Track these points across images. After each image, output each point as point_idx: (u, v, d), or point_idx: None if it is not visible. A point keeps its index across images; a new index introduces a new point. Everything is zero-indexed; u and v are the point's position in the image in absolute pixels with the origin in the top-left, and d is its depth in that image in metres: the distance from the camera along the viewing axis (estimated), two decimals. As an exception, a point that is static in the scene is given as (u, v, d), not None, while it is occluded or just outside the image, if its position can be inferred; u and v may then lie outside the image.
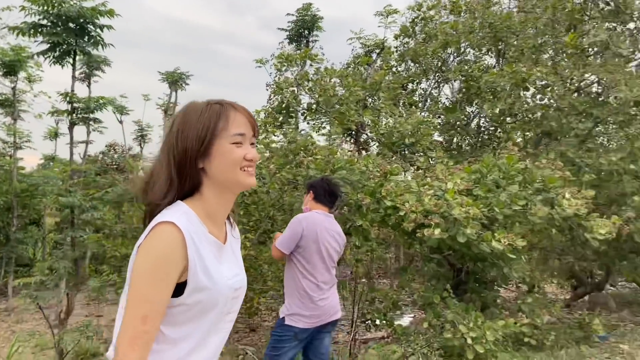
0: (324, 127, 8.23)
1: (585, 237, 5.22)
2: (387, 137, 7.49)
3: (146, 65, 52.40)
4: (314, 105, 7.99)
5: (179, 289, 1.25)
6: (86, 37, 9.00)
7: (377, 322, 6.24)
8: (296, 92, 7.60)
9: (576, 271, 9.93)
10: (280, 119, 7.30)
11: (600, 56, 6.35)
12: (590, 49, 6.72)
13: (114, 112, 11.70)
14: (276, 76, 7.47)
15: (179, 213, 1.27)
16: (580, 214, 5.12)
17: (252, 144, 1.36)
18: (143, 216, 1.39)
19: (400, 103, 9.63)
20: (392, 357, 5.25)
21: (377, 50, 9.49)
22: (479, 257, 5.92)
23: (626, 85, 5.52)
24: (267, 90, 7.48)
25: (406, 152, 7.58)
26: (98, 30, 9.03)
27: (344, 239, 3.78)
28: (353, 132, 8.36)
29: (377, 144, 8.73)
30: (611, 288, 13.71)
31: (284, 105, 7.19)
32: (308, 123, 8.27)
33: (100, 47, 9.13)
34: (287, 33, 12.58)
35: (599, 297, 9.87)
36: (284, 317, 3.51)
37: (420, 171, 6.42)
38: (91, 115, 10.03)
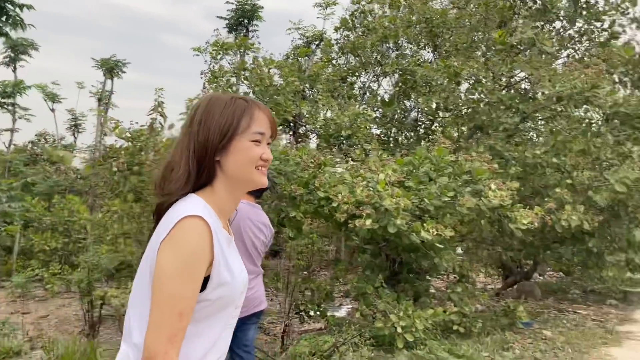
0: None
1: (510, 227, 5.41)
2: (325, 129, 7.49)
3: (84, 52, 50.07)
4: (251, 95, 7.87)
5: (202, 284, 1.23)
6: (4, 17, 8.43)
7: (312, 313, 6.25)
8: (232, 81, 7.44)
9: (506, 261, 10.35)
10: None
11: (527, 53, 6.59)
12: (520, 46, 6.96)
13: (45, 100, 11.09)
14: (211, 64, 7.29)
15: (201, 206, 1.25)
16: (505, 204, 5.29)
17: (268, 144, 1.36)
18: (154, 209, 1.34)
19: (339, 95, 9.65)
20: (323, 347, 5.25)
21: (317, 42, 9.45)
22: (411, 247, 6.03)
23: (550, 82, 5.76)
24: (202, 78, 7.29)
25: (344, 144, 7.60)
26: (17, 10, 8.47)
27: (271, 230, 3.72)
28: (291, 124, 8.29)
29: (315, 136, 8.72)
30: (540, 277, 14.41)
31: (218, 95, 7.03)
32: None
33: (20, 28, 8.58)
34: (227, 22, 12.33)
35: (526, 286, 10.31)
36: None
37: (355, 163, 6.45)
38: (9, 100, 9.43)
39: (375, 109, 9.68)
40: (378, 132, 9.26)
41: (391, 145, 9.43)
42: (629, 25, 7.38)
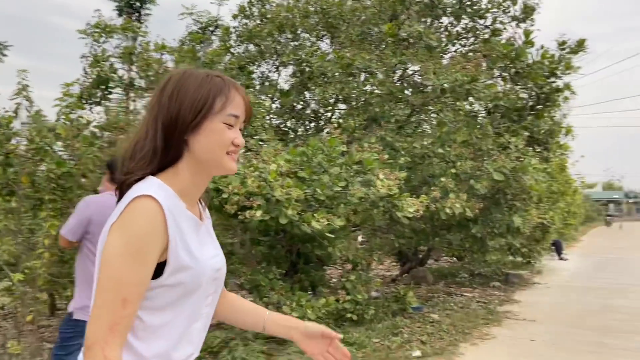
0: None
1: (397, 215, 5.55)
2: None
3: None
4: (142, 82, 7.44)
5: (159, 269, 1.13)
6: None
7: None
8: (117, 66, 6.97)
9: (402, 248, 10.74)
10: (99, 94, 6.64)
11: (415, 47, 6.80)
12: (410, 39, 7.17)
13: None
14: (92, 48, 6.76)
15: (154, 186, 1.15)
16: (392, 194, 5.41)
17: (241, 129, 1.27)
18: (117, 189, 1.22)
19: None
20: (213, 344, 5.09)
21: (211, 29, 9.14)
22: (306, 238, 6.01)
23: (434, 74, 5.99)
24: (82, 62, 6.75)
25: (238, 134, 7.39)
26: None
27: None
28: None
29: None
30: (436, 263, 15.15)
31: (101, 80, 6.54)
32: (134, 101, 7.67)
33: None
34: (116, 4, 11.60)
35: (419, 272, 10.77)
36: (72, 312, 3.14)
37: (248, 153, 6.31)
38: None
39: (274, 99, 9.56)
40: (277, 122, 9.16)
41: (291, 136, 9.37)
42: (509, 23, 7.87)
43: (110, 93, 6.77)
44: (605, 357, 5.46)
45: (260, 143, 7.10)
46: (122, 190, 1.20)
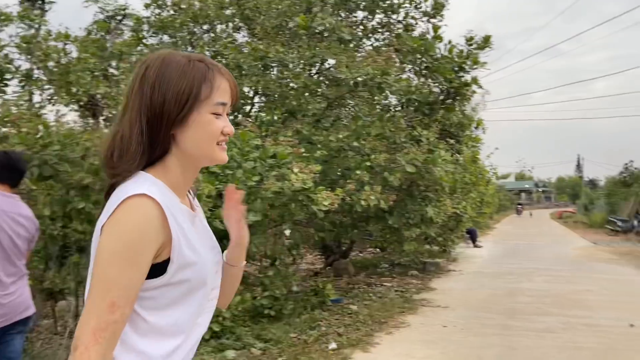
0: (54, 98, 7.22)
1: (312, 209, 5.54)
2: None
3: None
4: (42, 72, 6.94)
5: (162, 268, 1.08)
6: None
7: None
8: (14, 56, 6.47)
9: (326, 242, 10.81)
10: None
11: (327, 40, 6.82)
12: (325, 33, 7.16)
13: None
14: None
15: (147, 183, 1.08)
16: (307, 187, 5.39)
17: (228, 114, 1.19)
18: (106, 190, 1.15)
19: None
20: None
21: (119, 18, 8.70)
22: (221, 234, 5.86)
23: (347, 68, 6.02)
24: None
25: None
26: None
27: (35, 222, 3.22)
28: (90, 105, 7.51)
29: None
30: (360, 254, 15.40)
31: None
32: (33, 93, 7.16)
33: None
34: (17, -10, 10.73)
35: (341, 264, 10.88)
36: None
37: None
38: None
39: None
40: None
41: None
42: (420, 18, 8.08)
43: (7, 85, 6.29)
44: (509, 338, 5.75)
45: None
46: (111, 191, 1.12)
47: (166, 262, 1.09)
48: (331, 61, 8.33)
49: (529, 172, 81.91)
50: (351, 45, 7.64)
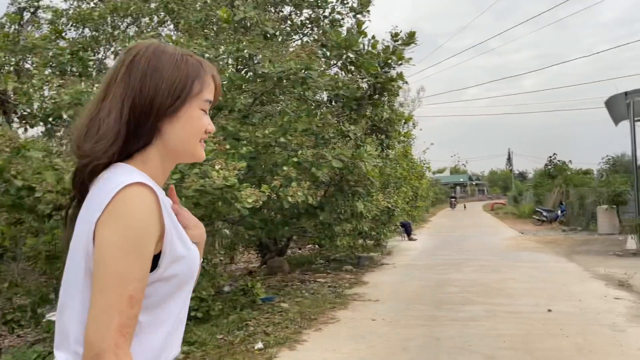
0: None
1: (236, 206, 5.41)
2: (42, 109, 6.51)
3: None
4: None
5: (154, 262, 1.04)
6: None
7: (23, 322, 5.38)
8: None
9: (263, 239, 10.67)
10: None
11: (250, 33, 6.69)
12: (250, 26, 7.02)
13: None
14: None
15: (136, 173, 1.05)
16: (230, 184, 5.25)
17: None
18: (72, 176, 1.12)
19: (71, 72, 8.58)
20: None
21: (31, 10, 8.20)
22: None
23: (270, 62, 5.93)
24: None
25: (66, 126, 6.74)
26: None
27: None
28: (-1, 102, 7.03)
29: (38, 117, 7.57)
30: (300, 251, 15.37)
31: None
32: None
33: None
34: None
35: (275, 262, 10.79)
36: None
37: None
38: None
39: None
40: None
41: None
42: (346, 14, 8.09)
43: None
44: (434, 328, 5.86)
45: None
46: (80, 177, 1.09)
47: (157, 256, 1.05)
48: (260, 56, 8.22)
49: (464, 166, 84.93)
50: (279, 40, 7.54)
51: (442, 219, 32.30)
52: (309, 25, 8.82)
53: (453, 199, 46.37)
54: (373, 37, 6.85)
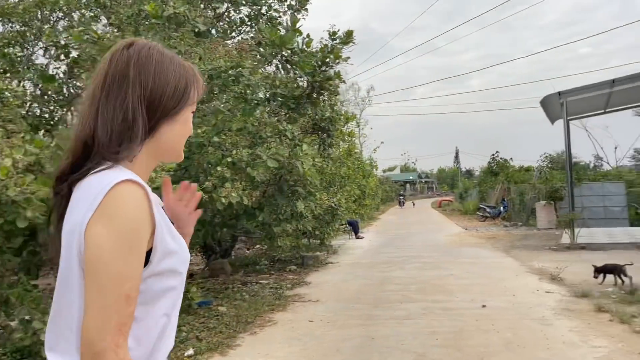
0: None
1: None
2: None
3: None
4: None
5: (146, 258, 1.04)
6: None
7: None
8: None
9: (207, 241, 10.41)
10: None
11: (180, 30, 6.48)
12: (182, 21, 6.80)
13: None
14: None
15: (125, 171, 1.05)
16: (155, 186, 5.05)
17: None
18: (56, 180, 1.10)
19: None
20: None
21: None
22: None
23: (200, 59, 5.75)
24: None
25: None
26: None
27: None
28: None
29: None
30: (247, 252, 15.13)
31: None
32: None
33: None
34: None
35: (217, 264, 10.56)
36: None
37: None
38: None
39: (38, 85, 8.46)
40: (38, 110, 8.09)
41: (59, 126, 8.37)
42: (284, 12, 7.99)
43: None
44: (371, 327, 5.85)
45: (7, 135, 6.16)
46: (63, 179, 1.08)
47: (149, 252, 1.05)
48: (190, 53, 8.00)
49: (413, 165, 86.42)
50: (215, 37, 7.35)
51: (391, 216, 32.74)
52: (248, 23, 8.66)
53: (402, 197, 46.85)
54: (308, 35, 6.77)
